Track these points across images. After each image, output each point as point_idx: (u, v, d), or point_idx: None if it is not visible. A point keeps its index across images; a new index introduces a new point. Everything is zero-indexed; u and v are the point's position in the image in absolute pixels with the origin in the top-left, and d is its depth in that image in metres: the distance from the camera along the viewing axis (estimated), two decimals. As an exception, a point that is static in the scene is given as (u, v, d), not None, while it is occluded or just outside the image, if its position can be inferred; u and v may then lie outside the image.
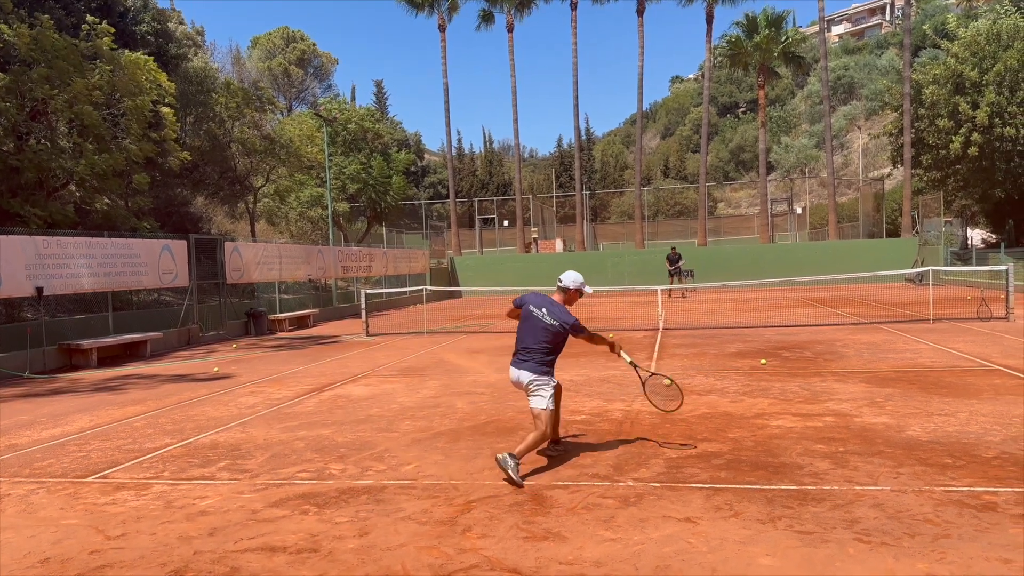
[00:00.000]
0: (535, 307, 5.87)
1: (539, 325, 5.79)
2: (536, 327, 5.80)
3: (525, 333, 5.85)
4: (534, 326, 5.81)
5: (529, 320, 5.86)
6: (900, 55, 42.93)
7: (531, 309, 5.88)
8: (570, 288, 5.99)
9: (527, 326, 5.86)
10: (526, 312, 5.91)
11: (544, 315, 5.79)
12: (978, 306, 16.63)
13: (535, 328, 5.80)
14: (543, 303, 5.89)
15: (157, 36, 24.61)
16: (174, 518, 4.98)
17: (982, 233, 42.37)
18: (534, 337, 5.78)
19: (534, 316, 5.83)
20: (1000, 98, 31.79)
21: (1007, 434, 6.31)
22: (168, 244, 17.24)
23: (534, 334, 5.79)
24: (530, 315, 5.86)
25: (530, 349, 5.77)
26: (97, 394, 10.56)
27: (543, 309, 5.83)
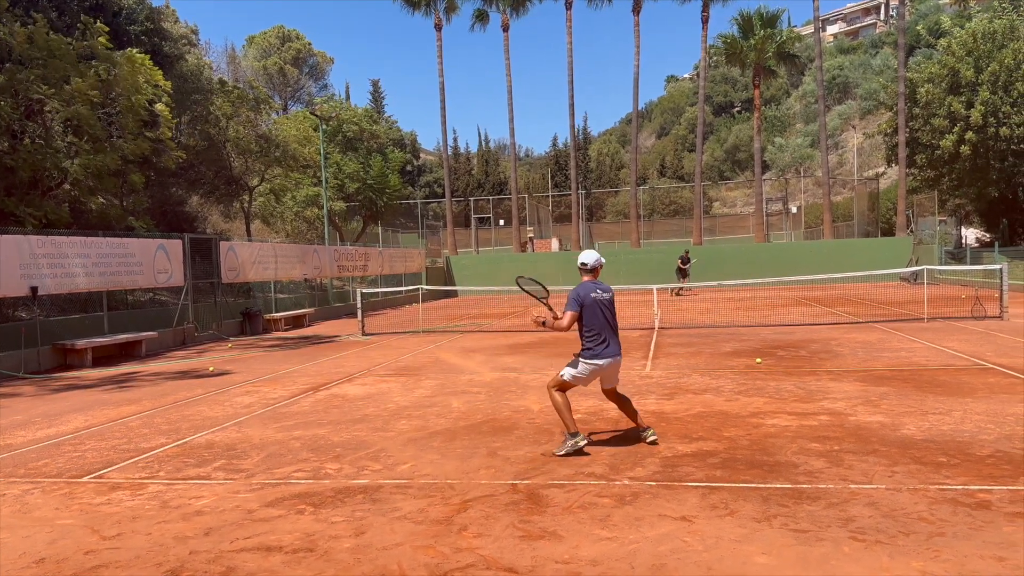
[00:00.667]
0: (601, 292, 6.20)
1: (611, 307, 6.23)
2: (610, 309, 6.21)
3: (605, 319, 6.14)
4: (609, 309, 6.20)
5: (601, 308, 6.15)
6: (895, 55, 43.03)
7: (597, 296, 6.16)
8: (599, 267, 6.40)
9: (603, 312, 6.15)
10: (594, 302, 6.14)
11: (608, 296, 6.24)
12: (972, 305, 16.68)
13: (610, 310, 6.22)
14: (596, 287, 6.22)
15: (151, 35, 24.52)
16: (170, 518, 4.97)
17: (976, 232, 42.47)
18: (613, 318, 6.23)
19: (605, 301, 6.18)
20: (995, 97, 31.88)
21: (1001, 432, 6.34)
22: (163, 243, 17.21)
23: (612, 316, 6.22)
24: (600, 303, 6.15)
25: (614, 330, 6.23)
26: (92, 394, 10.54)
27: (599, 291, 6.20)
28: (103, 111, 18.20)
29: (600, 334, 6.10)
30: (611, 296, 6.26)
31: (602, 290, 6.21)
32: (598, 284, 6.25)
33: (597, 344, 6.10)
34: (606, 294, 6.22)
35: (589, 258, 6.36)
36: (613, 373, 6.28)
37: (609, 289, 6.29)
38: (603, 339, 6.10)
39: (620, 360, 6.29)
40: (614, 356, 6.17)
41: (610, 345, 6.14)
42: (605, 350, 6.10)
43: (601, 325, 6.10)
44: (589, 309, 6.12)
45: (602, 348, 6.10)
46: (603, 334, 6.10)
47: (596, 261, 6.37)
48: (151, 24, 24.72)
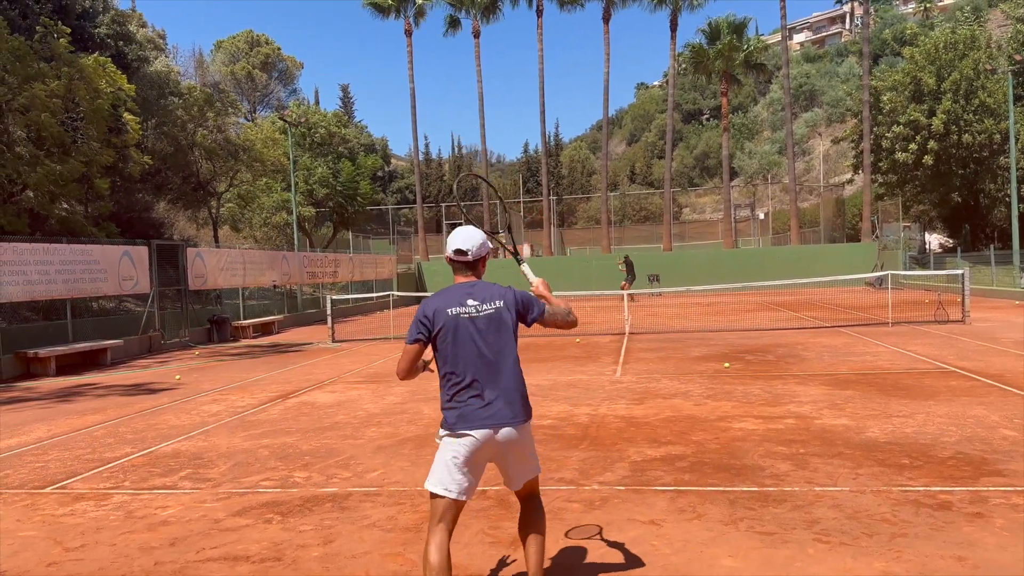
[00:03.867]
0: (475, 304, 3.39)
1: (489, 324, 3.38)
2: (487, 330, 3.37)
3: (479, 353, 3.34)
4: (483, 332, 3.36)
5: (466, 328, 3.35)
6: (860, 63, 43.81)
7: (454, 313, 3.37)
8: (481, 255, 3.53)
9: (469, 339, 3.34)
10: (448, 320, 3.35)
11: (480, 305, 3.39)
12: (935, 309, 17.01)
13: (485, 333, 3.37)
14: (467, 294, 3.43)
15: (117, 38, 24.21)
16: (135, 528, 4.90)
17: (939, 238, 43.34)
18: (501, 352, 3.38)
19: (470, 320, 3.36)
20: (956, 106, 32.57)
21: (962, 435, 6.47)
22: (128, 250, 16.96)
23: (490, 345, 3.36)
24: (459, 322, 3.35)
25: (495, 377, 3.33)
26: (55, 403, 10.35)
27: (470, 302, 3.40)
28: (66, 115, 17.91)
29: (465, 380, 3.31)
30: (498, 310, 3.39)
31: (478, 300, 3.39)
32: (474, 288, 3.44)
33: (460, 399, 3.31)
34: (485, 307, 3.38)
35: (465, 240, 3.49)
36: (512, 457, 3.37)
37: (499, 295, 3.44)
38: (473, 390, 3.30)
39: (523, 433, 3.35)
40: (498, 423, 3.27)
41: (490, 402, 3.29)
42: (477, 411, 3.28)
43: (468, 365, 3.31)
44: (445, 336, 3.35)
45: (470, 407, 3.29)
46: (473, 381, 3.31)
47: (477, 245, 3.49)
48: (117, 27, 24.41)
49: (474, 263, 3.51)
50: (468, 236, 3.50)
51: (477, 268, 3.53)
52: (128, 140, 20.19)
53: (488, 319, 3.37)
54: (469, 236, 3.50)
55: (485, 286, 3.48)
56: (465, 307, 3.37)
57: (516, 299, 3.47)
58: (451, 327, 3.34)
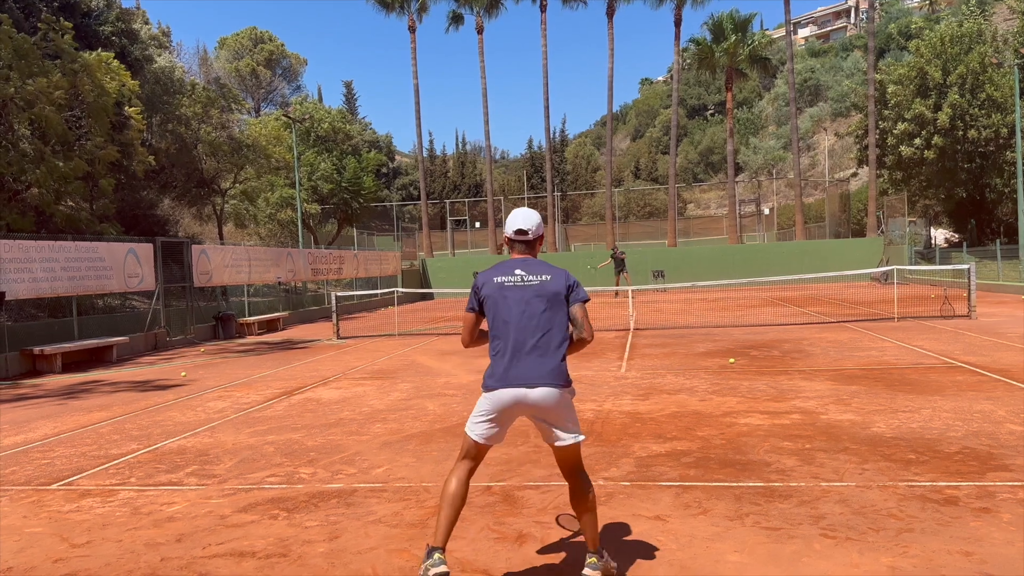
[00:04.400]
0: (519, 275, 3.65)
1: (531, 294, 3.60)
2: (529, 299, 3.59)
3: (515, 317, 3.58)
4: (525, 300, 3.59)
5: (512, 296, 3.61)
6: (865, 57, 43.65)
7: (501, 281, 3.65)
8: (540, 235, 3.84)
9: (513, 306, 3.59)
10: (495, 289, 3.64)
11: (527, 276, 3.65)
12: (941, 304, 16.95)
13: (527, 301, 3.58)
14: (515, 268, 3.70)
15: (121, 36, 24.24)
16: (141, 525, 4.91)
17: (945, 233, 43.21)
18: (534, 319, 3.56)
19: (515, 288, 3.62)
20: (962, 100, 32.42)
21: (968, 429, 6.45)
22: (134, 247, 17.00)
23: (530, 316, 3.56)
24: (504, 289, 3.63)
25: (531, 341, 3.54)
26: (61, 400, 10.38)
27: (518, 271, 3.67)
28: (70, 113, 17.94)
29: (502, 343, 3.59)
30: (543, 283, 3.61)
31: (526, 272, 3.65)
32: (526, 263, 3.71)
33: (496, 359, 3.60)
34: (531, 278, 3.62)
35: (525, 220, 3.78)
36: (543, 418, 3.56)
37: (549, 271, 3.66)
38: (508, 352, 3.55)
39: (546, 397, 3.48)
40: (519, 385, 3.49)
41: (511, 366, 3.52)
42: (505, 372, 3.53)
43: (507, 329, 3.58)
44: (489, 301, 3.67)
45: (500, 368, 3.55)
46: (508, 343, 3.56)
47: (534, 224, 3.77)
48: (121, 25, 24.43)
49: (532, 242, 3.79)
50: (527, 216, 3.79)
51: (534, 247, 3.81)
52: (132, 137, 20.21)
53: (532, 289, 3.61)
54: (528, 216, 3.79)
55: (538, 263, 3.73)
56: (512, 276, 3.65)
57: (567, 279, 3.68)
58: (496, 294, 3.64)
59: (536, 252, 3.83)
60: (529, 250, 3.79)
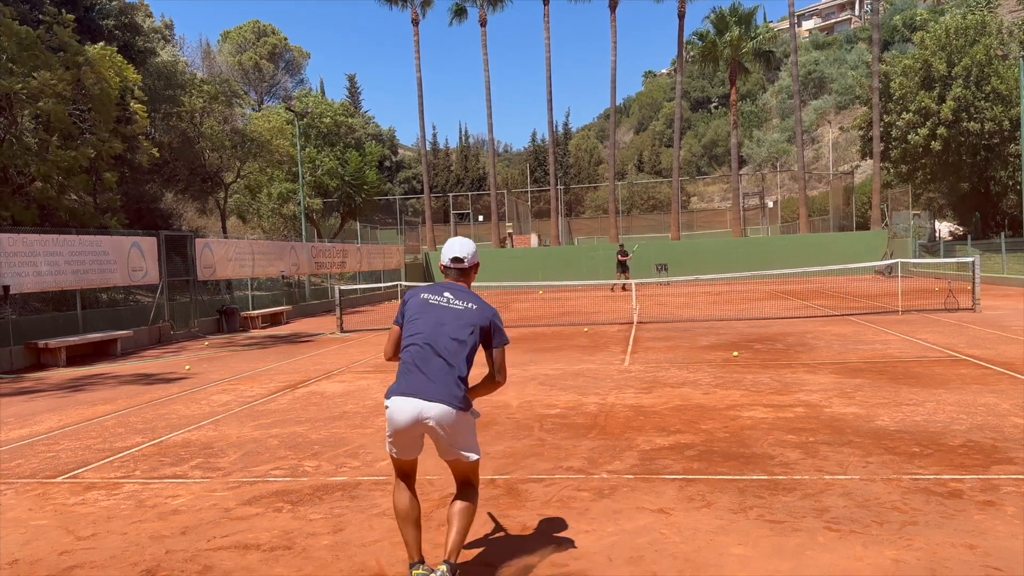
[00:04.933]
0: (432, 294, 3.70)
1: (451, 314, 3.61)
2: (446, 318, 3.60)
3: (428, 332, 3.58)
4: (442, 318, 3.60)
5: (432, 313, 3.63)
6: (869, 49, 43.47)
7: (425, 297, 3.70)
8: (475, 263, 3.86)
9: (429, 321, 3.61)
10: (419, 304, 3.68)
11: (452, 299, 3.66)
12: (945, 297, 16.93)
13: (444, 319, 3.60)
14: (442, 288, 3.73)
15: (124, 30, 24.22)
16: (145, 517, 4.93)
17: (949, 226, 43.09)
18: (445, 336, 3.56)
19: (437, 306, 3.65)
20: (967, 92, 32.28)
21: (972, 422, 6.44)
22: (138, 241, 17.02)
23: (443, 331, 3.57)
24: (427, 306, 3.66)
25: (438, 359, 3.52)
26: (66, 393, 10.41)
27: (446, 293, 3.69)
28: (74, 106, 17.94)
29: (410, 356, 3.57)
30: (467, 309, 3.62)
31: (454, 296, 3.66)
32: (456, 289, 3.72)
33: (401, 372, 3.58)
34: (456, 303, 3.64)
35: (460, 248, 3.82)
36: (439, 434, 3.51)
37: (476, 302, 3.66)
38: (413, 365, 3.54)
39: (443, 415, 3.45)
40: (409, 405, 3.46)
41: (414, 379, 3.50)
42: (405, 384, 3.52)
43: (414, 342, 3.58)
44: (410, 316, 3.67)
45: (402, 380, 3.54)
46: (413, 357, 3.55)
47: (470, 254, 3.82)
48: (124, 19, 24.42)
49: (467, 270, 3.80)
50: (463, 245, 3.82)
51: (468, 275, 3.82)
52: (136, 129, 20.22)
53: (453, 312, 3.62)
54: (464, 245, 3.82)
55: (468, 292, 3.74)
56: (439, 296, 3.68)
57: (492, 317, 3.66)
58: (418, 308, 3.66)
59: (470, 281, 3.84)
60: (463, 277, 3.81)
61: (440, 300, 3.65)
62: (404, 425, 3.50)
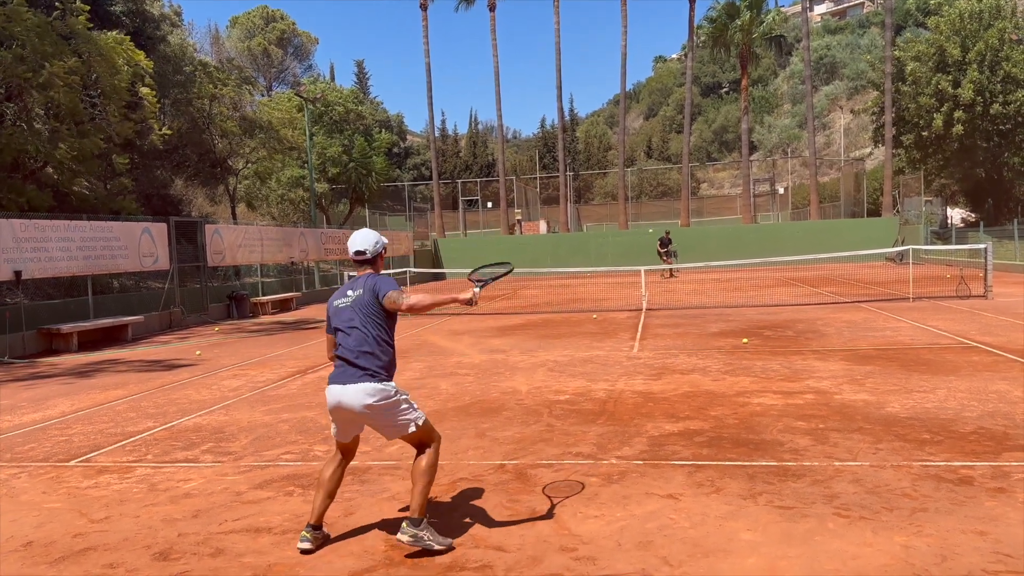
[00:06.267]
0: (340, 298, 4.12)
1: (352, 310, 4.02)
2: (351, 315, 4.01)
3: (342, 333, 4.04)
4: (348, 316, 4.02)
5: (341, 314, 4.06)
6: (882, 34, 43.05)
7: (337, 304, 4.12)
8: (379, 252, 4.19)
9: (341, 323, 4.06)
10: (333, 311, 4.13)
11: (352, 294, 4.06)
12: (957, 284, 16.82)
13: (350, 317, 4.01)
14: (346, 288, 4.15)
15: (134, 16, 24.19)
16: (158, 501, 4.97)
17: (962, 212, 42.76)
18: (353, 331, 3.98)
19: (343, 308, 4.06)
20: (982, 76, 31.94)
21: (984, 410, 6.41)
22: (148, 227, 17.08)
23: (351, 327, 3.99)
24: (337, 310, 4.09)
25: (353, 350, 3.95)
26: (78, 378, 10.49)
27: (348, 292, 4.10)
28: (85, 93, 17.97)
29: (338, 351, 4.06)
30: (359, 295, 4.02)
31: (353, 290, 4.07)
32: (357, 282, 4.11)
33: (335, 365, 4.10)
34: (353, 294, 4.05)
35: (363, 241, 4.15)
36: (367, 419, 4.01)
37: (363, 284, 4.05)
38: (340, 357, 4.04)
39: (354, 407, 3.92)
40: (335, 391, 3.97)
41: (338, 371, 4.01)
42: (337, 374, 4.02)
43: (340, 339, 4.05)
44: (331, 322, 4.14)
45: (336, 371, 4.05)
46: (340, 349, 4.04)
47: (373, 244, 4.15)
48: (133, 4, 24.38)
49: (372, 260, 4.15)
50: (364, 237, 4.15)
51: (375, 263, 4.17)
52: (146, 114, 20.24)
53: (353, 302, 4.04)
54: (365, 237, 4.15)
55: (365, 278, 4.09)
56: (345, 298, 4.09)
57: (373, 286, 4.02)
58: (333, 314, 4.12)
59: (379, 268, 4.19)
60: (370, 267, 4.15)
61: (345, 301, 4.07)
62: (333, 407, 4.01)
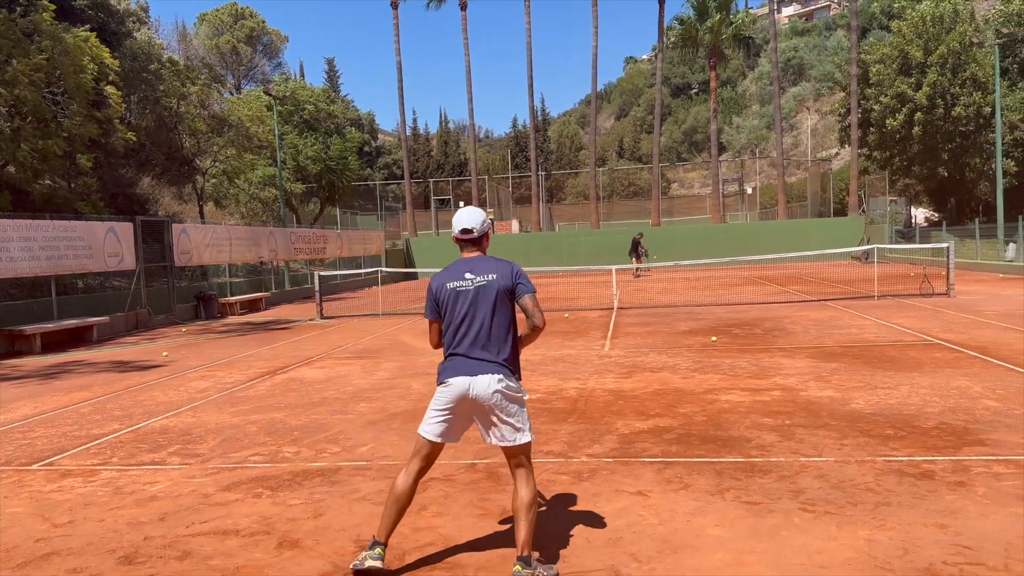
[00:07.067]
0: (455, 280, 3.75)
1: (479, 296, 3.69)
2: (476, 301, 3.69)
3: (463, 320, 3.70)
4: (472, 303, 3.69)
5: (461, 300, 3.70)
6: (848, 36, 43.70)
7: (452, 286, 3.74)
8: (486, 231, 3.90)
9: (462, 310, 3.70)
10: (448, 295, 3.75)
11: (475, 278, 3.72)
12: (920, 283, 17.13)
13: (475, 303, 3.68)
14: (462, 270, 3.77)
15: (98, 10, 23.80)
16: (123, 504, 4.90)
17: (925, 212, 43.53)
18: (480, 319, 3.67)
19: (464, 292, 3.70)
20: (943, 79, 32.56)
21: (945, 405, 6.54)
22: (113, 226, 16.81)
23: (476, 314, 3.68)
24: (457, 294, 3.72)
25: (482, 340, 3.66)
26: (41, 380, 10.30)
27: (467, 275, 3.74)
28: (48, 90, 17.63)
29: (454, 342, 3.72)
30: (489, 282, 3.69)
31: (475, 274, 3.72)
32: (474, 263, 3.78)
33: (449, 357, 3.75)
34: (479, 279, 3.71)
35: (470, 218, 3.83)
36: (487, 411, 3.62)
37: (495, 269, 3.74)
38: (459, 349, 3.70)
39: (480, 398, 3.59)
40: (461, 381, 3.62)
41: (459, 363, 3.67)
42: (448, 365, 3.71)
43: (459, 329, 3.70)
44: (445, 306, 3.77)
45: (453, 363, 3.70)
46: (459, 342, 3.70)
47: (480, 223, 3.83)
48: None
49: (479, 239, 3.85)
50: (472, 215, 3.84)
51: (481, 244, 3.87)
52: (111, 114, 19.91)
53: (478, 290, 3.70)
54: (472, 215, 3.84)
55: (486, 260, 3.80)
56: (463, 280, 3.73)
57: (512, 274, 3.75)
58: (449, 298, 3.74)
59: (485, 248, 3.90)
60: (476, 248, 3.86)
61: (465, 284, 3.72)
62: (455, 400, 3.64)
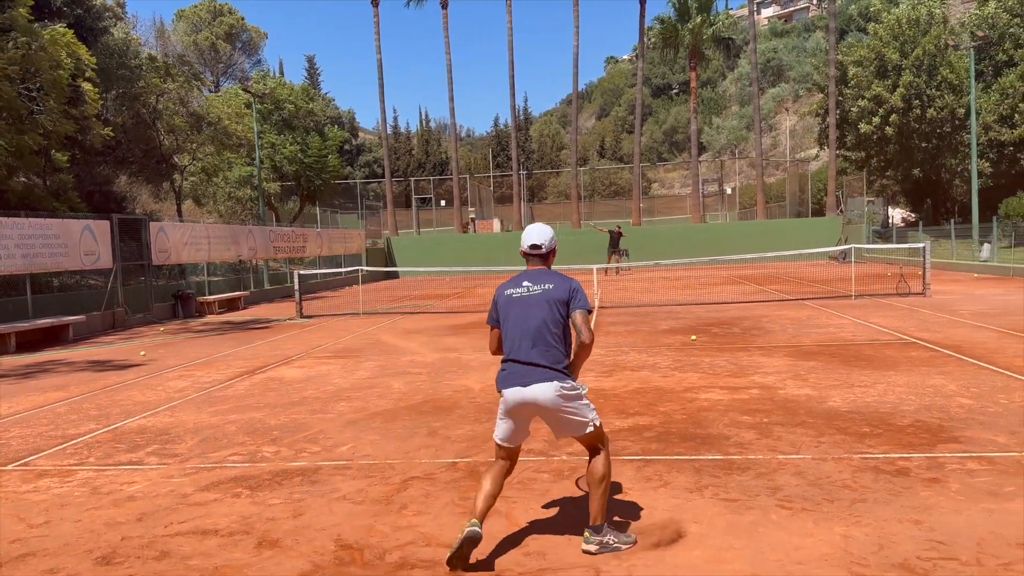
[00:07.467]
0: (513, 288, 3.95)
1: (533, 302, 3.86)
2: (530, 306, 3.85)
3: (517, 324, 3.86)
4: (527, 308, 3.86)
5: (516, 306, 3.89)
6: (827, 38, 44.10)
7: (509, 293, 3.95)
8: (553, 248, 4.07)
9: (516, 314, 3.88)
10: (505, 301, 3.95)
11: (532, 286, 3.90)
12: (897, 282, 17.33)
13: (528, 309, 3.85)
14: (521, 279, 3.97)
15: (74, 6, 23.51)
16: (101, 504, 4.86)
17: (902, 212, 44.04)
18: (533, 323, 3.81)
19: (520, 299, 3.90)
20: (919, 80, 32.96)
21: (921, 403, 6.63)
22: (90, 224, 16.62)
23: (530, 318, 3.83)
24: (512, 300, 3.92)
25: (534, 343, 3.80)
26: (16, 380, 10.17)
27: (524, 283, 3.93)
28: (23, 86, 17.40)
29: (510, 349, 3.89)
30: (545, 291, 3.86)
31: (532, 283, 3.91)
32: (534, 275, 3.95)
33: (504, 364, 3.91)
34: (535, 288, 3.88)
35: (538, 235, 4.01)
36: (547, 413, 3.82)
37: (552, 280, 3.90)
38: (512, 356, 3.86)
39: (539, 401, 3.75)
40: (516, 393, 3.78)
41: (515, 371, 3.81)
42: (510, 375, 3.84)
43: (513, 336, 3.87)
44: (504, 307, 3.95)
45: (506, 371, 3.87)
46: (513, 349, 3.86)
47: (549, 240, 4.02)
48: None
49: (546, 255, 4.03)
50: (541, 232, 4.03)
51: (547, 260, 4.05)
52: (87, 111, 19.69)
53: (534, 297, 3.88)
54: (542, 232, 4.03)
55: (545, 273, 3.97)
56: (519, 288, 3.93)
57: (569, 288, 3.89)
58: (505, 305, 3.95)
59: (550, 264, 4.07)
60: (543, 262, 4.03)
61: (522, 292, 3.91)
62: (512, 406, 3.83)
